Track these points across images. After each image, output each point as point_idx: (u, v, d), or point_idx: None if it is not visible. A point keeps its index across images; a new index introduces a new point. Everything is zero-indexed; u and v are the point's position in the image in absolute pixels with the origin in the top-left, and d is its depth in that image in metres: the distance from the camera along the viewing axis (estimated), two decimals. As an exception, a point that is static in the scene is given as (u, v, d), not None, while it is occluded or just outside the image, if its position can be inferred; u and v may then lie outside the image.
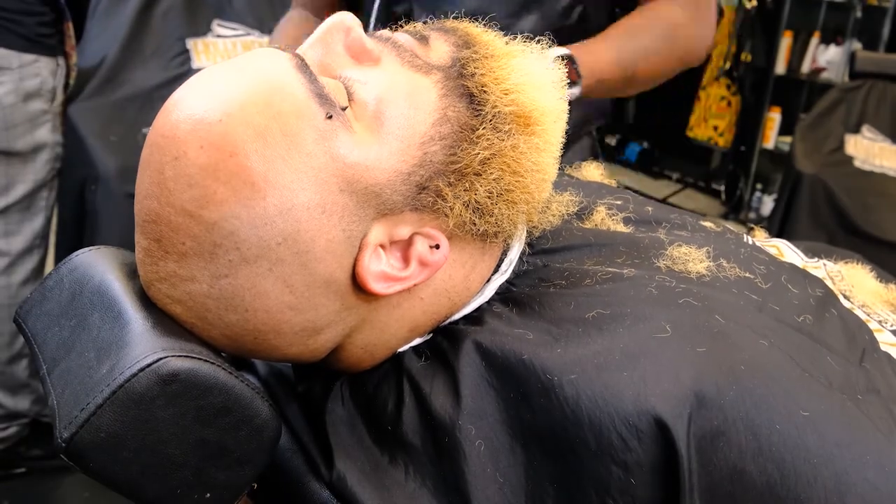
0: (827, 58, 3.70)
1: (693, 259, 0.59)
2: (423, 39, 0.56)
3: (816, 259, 0.79)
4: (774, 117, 3.90)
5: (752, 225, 0.93)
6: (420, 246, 0.52)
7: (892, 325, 0.69)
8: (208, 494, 0.49)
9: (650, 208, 0.71)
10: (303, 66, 0.50)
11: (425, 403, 0.51)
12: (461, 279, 0.56)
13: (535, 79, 0.55)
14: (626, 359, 0.48)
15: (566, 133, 0.58)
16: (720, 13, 4.18)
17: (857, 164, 2.59)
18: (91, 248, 0.58)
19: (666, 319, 0.50)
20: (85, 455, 0.45)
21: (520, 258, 0.60)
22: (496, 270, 0.59)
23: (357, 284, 0.51)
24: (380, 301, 0.53)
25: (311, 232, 0.48)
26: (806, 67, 3.79)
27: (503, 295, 0.57)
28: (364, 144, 0.49)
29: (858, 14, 3.59)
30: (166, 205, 0.48)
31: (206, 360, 0.47)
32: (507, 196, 0.53)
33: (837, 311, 0.63)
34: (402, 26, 0.58)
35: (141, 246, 0.51)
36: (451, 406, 0.50)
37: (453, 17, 0.59)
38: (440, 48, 0.56)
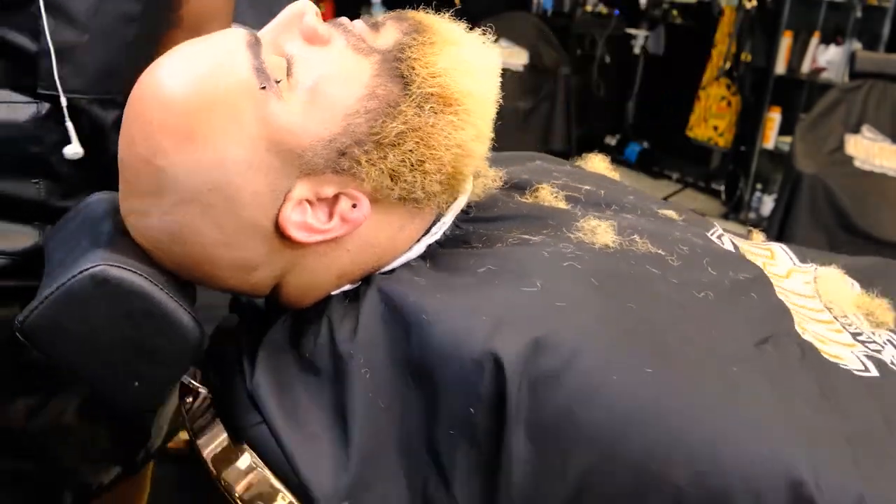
0: (827, 58, 3.70)
1: (601, 232, 0.64)
2: (375, 26, 0.63)
3: (810, 263, 0.79)
4: (774, 117, 3.90)
5: (750, 228, 0.94)
6: (343, 204, 0.60)
7: (865, 336, 0.70)
8: (137, 383, 0.60)
9: (603, 192, 0.75)
10: (253, 43, 0.59)
11: (333, 336, 0.59)
12: (387, 237, 0.63)
13: (466, 65, 0.61)
14: (490, 306, 0.55)
15: None
16: (720, 13, 4.18)
17: (857, 164, 2.59)
18: (106, 192, 0.71)
19: (542, 278, 0.57)
20: (32, 335, 0.58)
21: (454, 224, 0.66)
22: (428, 232, 0.66)
23: (281, 232, 0.59)
24: (306, 249, 0.61)
25: (238, 184, 0.57)
26: (806, 67, 3.79)
27: (426, 253, 0.65)
28: (292, 113, 0.57)
29: (858, 14, 3.59)
30: (131, 153, 0.59)
31: (136, 272, 0.58)
32: (421, 167, 0.60)
33: (759, 296, 0.66)
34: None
35: (120, 185, 0.62)
36: (349, 339, 0.58)
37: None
38: (389, 34, 0.62)
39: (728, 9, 4.11)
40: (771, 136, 3.91)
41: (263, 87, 0.56)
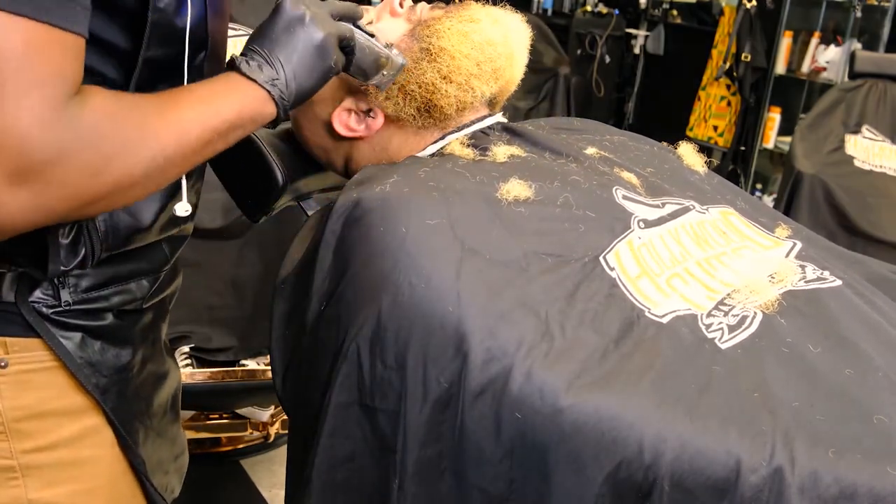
0: (827, 58, 3.70)
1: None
2: (437, 5, 0.92)
3: (810, 264, 0.81)
4: (774, 117, 3.90)
5: (780, 221, 0.96)
6: (370, 115, 0.93)
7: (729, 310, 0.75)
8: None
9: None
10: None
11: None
12: (396, 145, 0.95)
13: (453, 32, 0.89)
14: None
15: None
16: (720, 13, 4.18)
17: (857, 163, 2.59)
18: None
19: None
20: None
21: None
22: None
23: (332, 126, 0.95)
24: (352, 142, 0.95)
25: (320, 92, 0.84)
26: (806, 67, 3.79)
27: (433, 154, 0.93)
28: None
29: (858, 14, 3.59)
30: None
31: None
32: (412, 94, 0.90)
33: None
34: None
35: None
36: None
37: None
38: (437, 12, 0.91)
39: (728, 9, 4.11)
40: (771, 136, 3.91)
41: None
